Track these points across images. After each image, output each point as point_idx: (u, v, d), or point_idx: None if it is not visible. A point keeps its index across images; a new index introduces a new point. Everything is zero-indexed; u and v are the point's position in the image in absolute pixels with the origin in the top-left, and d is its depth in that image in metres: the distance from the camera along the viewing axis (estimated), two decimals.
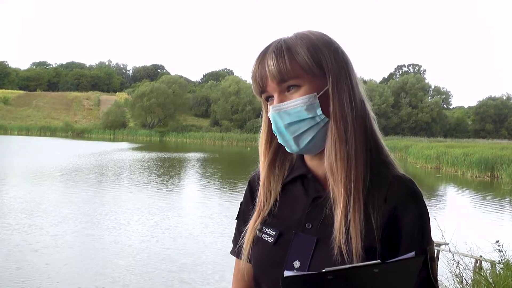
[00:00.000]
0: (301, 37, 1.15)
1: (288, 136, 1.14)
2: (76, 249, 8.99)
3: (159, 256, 8.67)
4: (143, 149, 43.03)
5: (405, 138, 57.32)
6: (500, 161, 26.47)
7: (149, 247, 9.28)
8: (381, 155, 1.17)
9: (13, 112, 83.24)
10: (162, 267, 8.06)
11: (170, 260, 8.44)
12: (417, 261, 0.92)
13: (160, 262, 8.29)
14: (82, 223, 10.93)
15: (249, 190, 1.32)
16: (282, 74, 1.11)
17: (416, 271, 0.92)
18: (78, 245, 9.25)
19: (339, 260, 1.07)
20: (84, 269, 7.83)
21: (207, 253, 8.97)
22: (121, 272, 7.70)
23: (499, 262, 5.57)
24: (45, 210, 12.22)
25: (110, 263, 8.11)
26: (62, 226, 10.56)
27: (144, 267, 8.03)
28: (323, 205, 1.14)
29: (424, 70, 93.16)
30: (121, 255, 8.67)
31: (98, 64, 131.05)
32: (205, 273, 7.86)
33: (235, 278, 1.32)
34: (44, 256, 8.34)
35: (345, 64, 1.16)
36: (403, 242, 1.09)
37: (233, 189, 18.23)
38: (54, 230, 10.10)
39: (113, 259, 8.36)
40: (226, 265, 8.03)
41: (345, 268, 0.88)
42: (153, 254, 8.78)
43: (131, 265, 8.11)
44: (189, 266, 8.17)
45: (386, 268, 0.89)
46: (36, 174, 20.46)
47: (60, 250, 8.78)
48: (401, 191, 1.11)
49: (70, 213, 12.00)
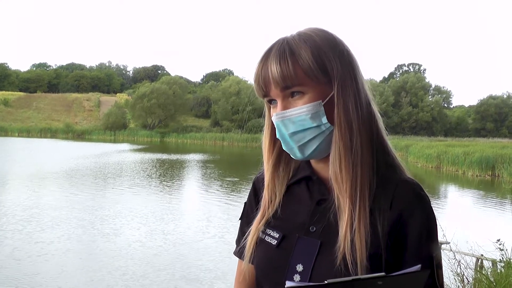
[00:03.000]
0: (305, 39, 1.10)
1: (293, 144, 1.12)
2: (73, 253, 8.93)
3: (160, 259, 8.66)
4: (144, 150, 43.03)
5: (406, 138, 57.23)
6: (501, 160, 26.43)
7: (149, 250, 9.27)
8: (387, 158, 1.15)
9: (14, 113, 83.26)
10: (163, 270, 8.05)
11: (171, 264, 8.43)
12: (423, 275, 0.90)
13: (160, 266, 8.27)
14: (80, 227, 10.90)
15: (253, 191, 1.31)
16: (285, 81, 1.08)
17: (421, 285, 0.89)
18: (75, 249, 9.17)
19: (342, 268, 1.05)
20: (82, 273, 7.79)
21: (207, 256, 8.95)
22: (120, 276, 7.68)
23: (500, 261, 5.57)
24: (41, 214, 12.20)
25: (107, 267, 8.04)
26: (60, 229, 10.51)
27: (143, 270, 8.02)
28: (328, 208, 1.12)
29: (424, 69, 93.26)
30: (119, 258, 8.63)
31: (98, 65, 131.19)
32: (205, 276, 7.85)
33: (237, 279, 1.31)
34: (41, 261, 8.27)
35: (351, 66, 1.12)
36: (409, 248, 1.07)
37: (234, 191, 18.23)
38: (51, 234, 10.02)
39: (111, 263, 8.32)
40: (227, 268, 8.03)
41: (348, 281, 0.85)
42: (153, 257, 8.75)
43: (130, 268, 8.09)
44: (190, 269, 8.16)
45: (391, 281, 0.86)
46: (36, 176, 20.45)
47: (57, 254, 8.69)
48: (407, 196, 1.09)
49: (69, 216, 11.96)
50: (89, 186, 17.74)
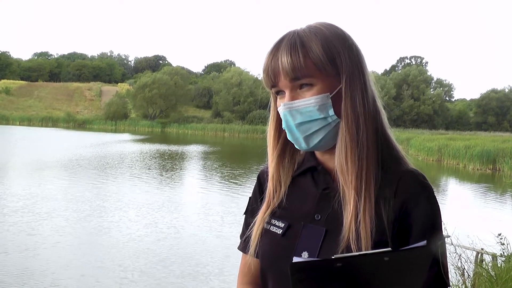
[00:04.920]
0: (315, 32, 1.12)
1: (299, 135, 1.13)
2: (69, 245, 8.91)
3: (160, 253, 8.65)
4: (145, 141, 43.02)
5: (407, 131, 57.25)
6: (502, 154, 26.44)
7: (148, 243, 9.26)
8: (392, 151, 1.17)
9: (15, 102, 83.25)
10: (163, 263, 8.05)
11: (171, 257, 8.42)
12: (429, 251, 0.90)
13: (161, 259, 8.26)
14: (81, 218, 10.91)
15: (258, 184, 1.32)
16: (295, 72, 1.10)
17: (427, 261, 0.90)
18: (71, 241, 9.14)
19: None
20: (80, 266, 7.81)
21: (209, 249, 8.92)
22: (120, 270, 7.69)
23: (501, 255, 5.56)
24: (43, 204, 12.22)
25: (107, 260, 8.03)
26: (57, 221, 10.47)
27: (143, 264, 8.02)
28: (332, 197, 1.14)
29: (426, 62, 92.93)
30: (120, 251, 8.65)
31: (99, 55, 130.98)
32: (206, 270, 7.83)
33: (241, 272, 1.31)
34: (43, 253, 8.24)
35: (359, 61, 1.14)
36: (414, 236, 1.08)
37: (237, 184, 18.23)
38: (47, 226, 9.94)
39: (112, 256, 8.32)
40: (227, 262, 8.01)
41: (354, 256, 0.87)
42: (153, 251, 8.72)
43: (132, 262, 8.09)
44: (191, 261, 8.16)
45: (397, 256, 0.87)
46: (36, 166, 20.47)
47: (53, 247, 8.61)
48: (411, 185, 1.11)
49: (67, 208, 11.95)
50: (89, 176, 17.74)
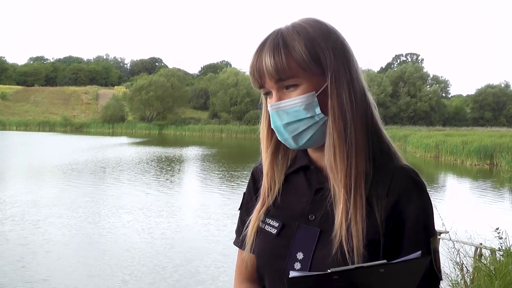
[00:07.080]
0: (299, 30, 1.11)
1: (287, 135, 1.13)
2: (72, 248, 8.92)
3: (158, 254, 8.65)
4: (142, 144, 42.94)
5: (404, 128, 57.28)
6: (499, 149, 26.48)
7: (147, 244, 9.26)
8: (383, 146, 1.16)
9: (11, 107, 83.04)
10: (160, 268, 8.05)
11: (169, 257, 8.43)
12: (423, 261, 0.92)
13: (158, 260, 8.24)
14: (78, 221, 10.87)
15: (252, 180, 1.31)
16: (279, 74, 1.09)
17: (421, 271, 0.91)
18: (74, 244, 9.14)
19: (339, 257, 1.06)
20: (78, 269, 7.80)
21: (207, 249, 8.94)
22: (118, 271, 7.69)
23: (499, 250, 5.58)
24: (41, 208, 12.20)
25: (105, 263, 8.03)
26: (55, 226, 10.41)
27: (143, 265, 8.03)
28: (325, 197, 1.13)
29: (422, 59, 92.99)
30: (118, 253, 8.63)
31: (95, 58, 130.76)
32: (204, 273, 7.82)
33: (238, 268, 1.31)
34: (40, 256, 8.23)
35: (344, 56, 1.13)
36: (407, 234, 1.08)
37: (235, 185, 18.23)
38: (46, 230, 9.89)
39: (110, 258, 8.30)
40: (227, 262, 8.01)
41: (351, 269, 0.87)
42: (152, 251, 8.71)
43: (130, 263, 8.09)
44: (188, 262, 8.16)
45: (392, 268, 0.88)
46: (33, 171, 20.44)
47: (52, 251, 8.55)
48: (404, 182, 1.10)
49: (65, 212, 11.93)
50: (87, 180, 17.72)
